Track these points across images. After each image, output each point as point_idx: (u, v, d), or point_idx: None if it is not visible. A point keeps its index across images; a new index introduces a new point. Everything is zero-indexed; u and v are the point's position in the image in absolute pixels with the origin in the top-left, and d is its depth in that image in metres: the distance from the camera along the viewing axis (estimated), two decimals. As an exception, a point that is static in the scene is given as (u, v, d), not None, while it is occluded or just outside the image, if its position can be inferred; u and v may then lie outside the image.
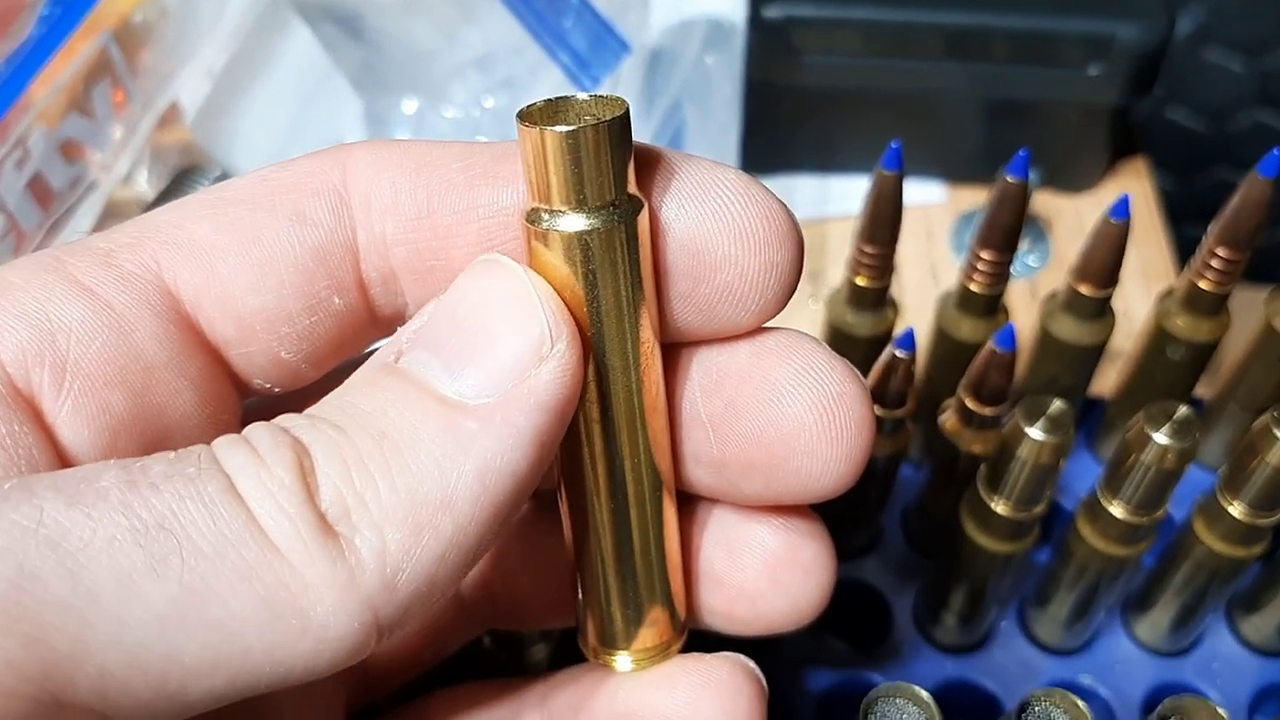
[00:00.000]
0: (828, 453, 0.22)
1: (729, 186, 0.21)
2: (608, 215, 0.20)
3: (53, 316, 0.20)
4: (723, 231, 0.21)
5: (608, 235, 0.20)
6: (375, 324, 0.24)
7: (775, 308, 0.22)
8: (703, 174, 0.21)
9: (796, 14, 0.54)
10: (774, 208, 0.21)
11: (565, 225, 0.20)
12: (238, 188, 0.22)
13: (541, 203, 0.20)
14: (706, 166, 0.21)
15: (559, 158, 0.19)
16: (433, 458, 0.19)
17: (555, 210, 0.20)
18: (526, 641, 0.35)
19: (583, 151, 0.19)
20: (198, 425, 0.22)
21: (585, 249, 0.20)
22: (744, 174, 0.21)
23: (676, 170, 0.21)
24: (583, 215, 0.20)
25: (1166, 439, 0.32)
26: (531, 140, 0.19)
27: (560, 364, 0.20)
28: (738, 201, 0.21)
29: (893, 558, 0.44)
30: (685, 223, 0.21)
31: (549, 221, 0.20)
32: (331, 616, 0.18)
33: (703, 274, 0.21)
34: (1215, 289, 0.39)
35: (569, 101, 0.21)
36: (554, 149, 0.19)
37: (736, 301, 0.22)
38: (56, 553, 0.17)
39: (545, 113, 0.20)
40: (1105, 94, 0.55)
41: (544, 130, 0.19)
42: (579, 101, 0.21)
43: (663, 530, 0.24)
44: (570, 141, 0.19)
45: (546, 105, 0.20)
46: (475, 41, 0.58)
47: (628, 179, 0.20)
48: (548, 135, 0.19)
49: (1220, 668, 0.41)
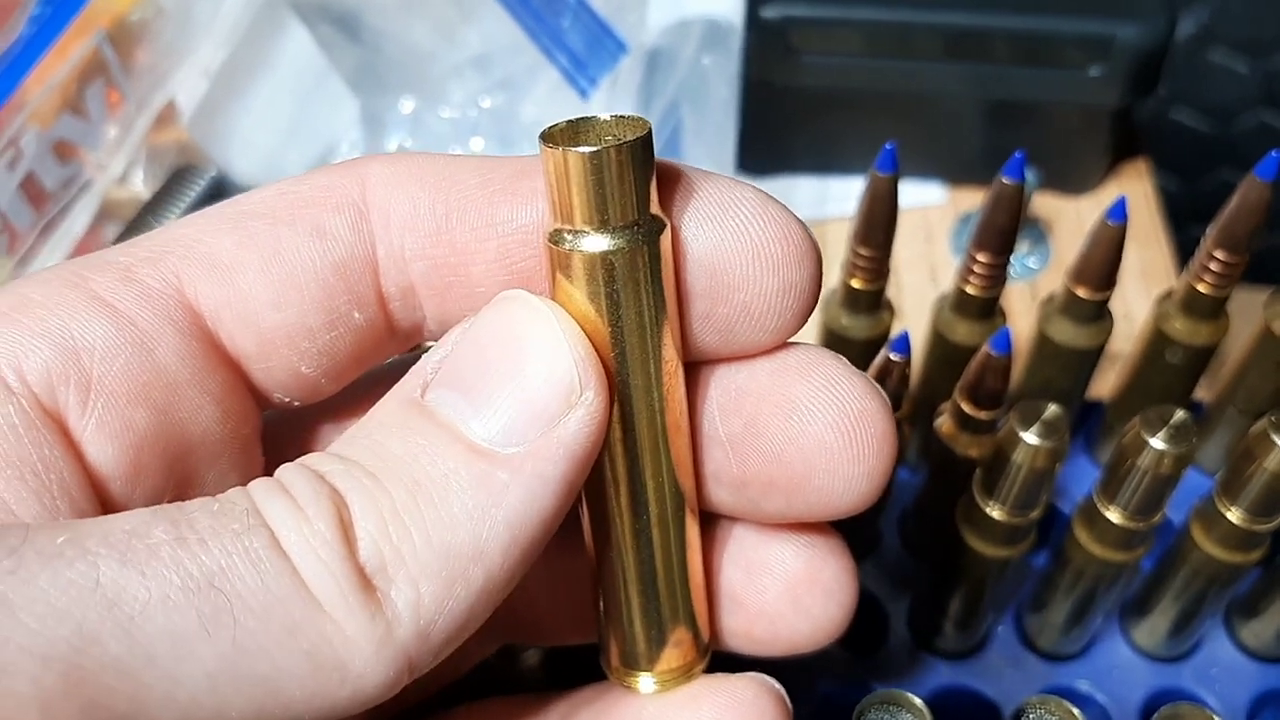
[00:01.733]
0: (850, 470, 0.22)
1: (747, 206, 0.21)
2: (631, 236, 0.20)
3: (76, 334, 0.20)
4: (741, 251, 0.21)
5: (631, 256, 0.20)
6: (394, 338, 0.24)
7: (794, 327, 0.22)
8: (721, 193, 0.21)
9: (794, 14, 0.54)
10: (793, 227, 0.21)
11: (588, 246, 0.20)
12: (257, 201, 0.22)
13: (564, 223, 0.20)
14: (725, 185, 0.21)
15: (582, 179, 0.19)
16: (465, 510, 0.19)
17: (578, 231, 0.20)
18: (519, 646, 0.35)
19: (606, 172, 0.19)
20: (219, 439, 0.22)
21: (609, 269, 0.20)
22: (762, 192, 0.21)
23: (695, 189, 0.21)
24: (606, 236, 0.20)
25: (1163, 444, 0.32)
26: (554, 161, 0.19)
27: (589, 412, 0.20)
28: (756, 221, 0.21)
29: (888, 563, 0.43)
30: (704, 242, 0.21)
31: (572, 242, 0.20)
32: (368, 666, 0.19)
33: (721, 294, 0.21)
34: (1214, 292, 0.38)
35: (591, 122, 0.20)
36: (577, 170, 0.19)
37: (755, 321, 0.22)
38: (114, 614, 0.17)
39: (567, 133, 0.20)
40: (1106, 95, 0.55)
41: (567, 151, 0.19)
42: (601, 122, 0.20)
43: (685, 550, 0.24)
44: (594, 162, 0.19)
45: (568, 126, 0.20)
46: (472, 42, 0.58)
47: (650, 199, 0.20)
48: (571, 156, 0.19)
49: (1219, 674, 0.41)
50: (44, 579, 0.17)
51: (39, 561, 0.17)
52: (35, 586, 0.16)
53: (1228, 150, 0.76)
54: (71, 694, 0.16)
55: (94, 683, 0.16)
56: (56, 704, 0.16)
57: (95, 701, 0.16)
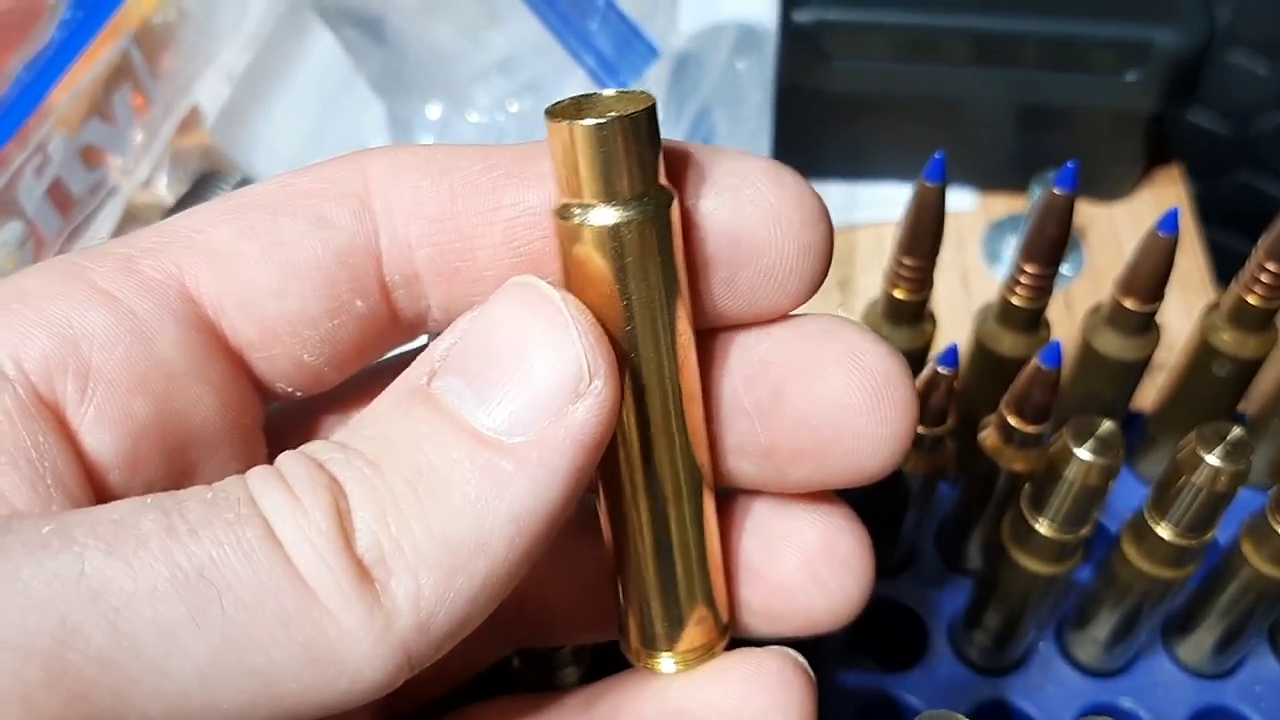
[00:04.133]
0: (876, 433, 0.22)
1: (763, 174, 0.21)
2: (639, 207, 0.20)
3: (75, 324, 0.20)
4: (761, 217, 0.21)
5: (640, 227, 0.20)
6: (398, 327, 0.23)
7: (812, 288, 0.22)
8: (736, 164, 0.21)
9: (828, 18, 0.53)
10: (805, 191, 0.22)
11: (597, 219, 0.20)
12: (257, 193, 0.22)
13: (572, 198, 0.20)
14: (736, 157, 0.22)
15: (589, 152, 0.19)
16: (468, 500, 0.19)
17: (586, 204, 0.20)
18: (556, 664, 0.34)
19: (612, 144, 0.19)
20: (220, 430, 0.22)
21: (618, 242, 0.20)
22: (772, 160, 0.22)
23: (709, 163, 0.21)
24: (614, 208, 0.20)
25: (1219, 461, 0.31)
26: (560, 136, 0.19)
27: (597, 400, 0.20)
28: (773, 188, 0.21)
29: (928, 576, 0.43)
30: (724, 211, 0.21)
31: (580, 216, 0.20)
32: (366, 660, 0.18)
33: (744, 260, 0.21)
34: (1263, 304, 0.38)
35: (595, 98, 0.21)
36: (583, 143, 0.19)
37: (777, 284, 0.22)
38: (99, 605, 0.16)
39: (572, 109, 0.20)
40: (1142, 101, 0.54)
41: (573, 125, 0.19)
42: (605, 97, 0.20)
43: (703, 526, 0.23)
44: (600, 135, 0.19)
45: (573, 102, 0.20)
46: (499, 44, 0.58)
47: (658, 171, 0.20)
48: (577, 129, 0.19)
49: (1263, 691, 0.40)
50: (27, 570, 0.16)
51: (22, 552, 0.16)
52: (17, 578, 0.16)
53: (1247, 152, 0.75)
54: (54, 687, 0.16)
55: (77, 676, 0.16)
56: (38, 698, 0.16)
57: (79, 695, 0.16)
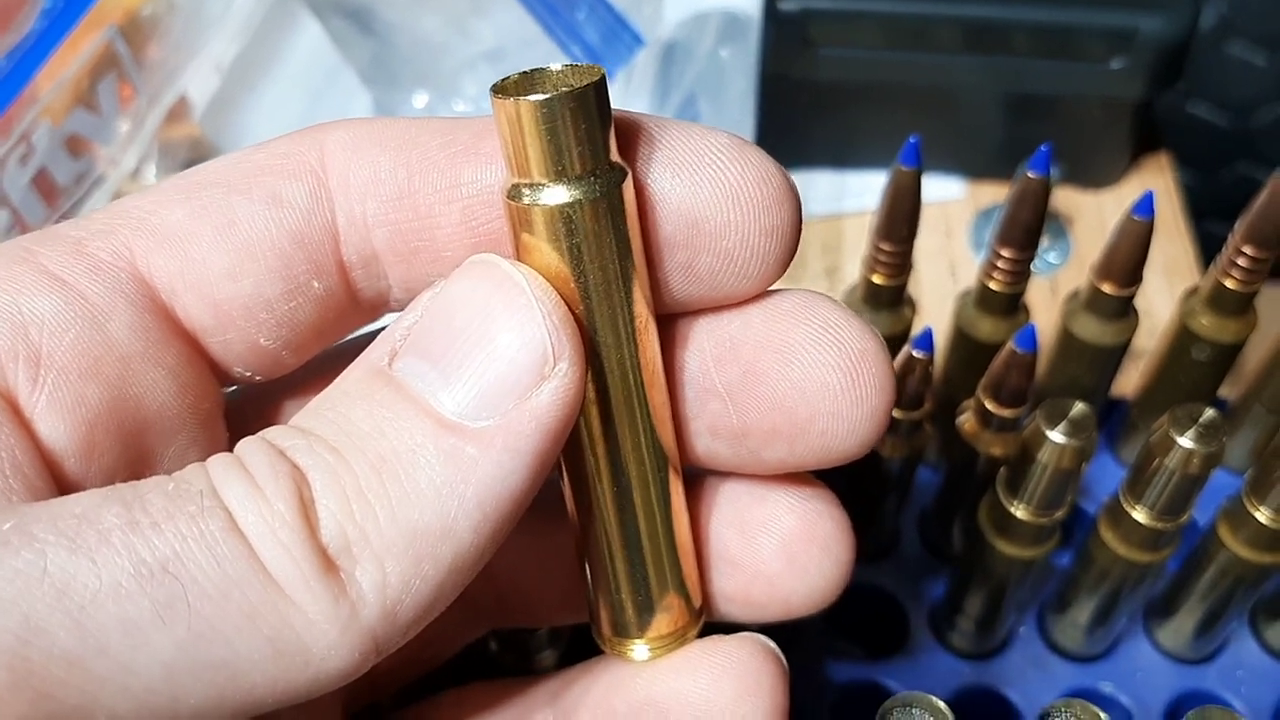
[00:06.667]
0: (853, 412, 0.22)
1: (724, 152, 0.20)
2: (590, 185, 0.19)
3: (24, 309, 0.20)
4: (720, 198, 0.20)
5: (592, 206, 0.19)
6: (357, 308, 0.23)
7: (777, 272, 0.21)
8: (694, 140, 0.21)
9: (813, 6, 0.53)
10: (769, 170, 0.21)
11: (547, 199, 0.19)
12: (212, 170, 0.22)
13: (521, 178, 0.19)
14: (697, 132, 0.21)
15: (535, 129, 0.19)
16: (433, 485, 0.19)
17: (536, 184, 0.19)
18: (534, 647, 0.34)
19: (559, 120, 0.19)
20: (177, 415, 0.22)
21: (569, 222, 0.19)
22: (736, 136, 0.21)
23: (666, 138, 0.20)
24: (564, 187, 0.19)
25: (1191, 443, 0.31)
26: (506, 113, 0.19)
27: (563, 383, 0.19)
28: (733, 167, 0.20)
29: (909, 562, 0.43)
30: (681, 191, 0.20)
31: (530, 196, 0.19)
32: (333, 650, 0.18)
33: (703, 243, 0.21)
34: (1241, 288, 0.38)
35: (544, 73, 0.20)
36: (530, 120, 0.19)
37: (738, 268, 0.21)
38: (63, 603, 0.16)
39: (520, 85, 0.20)
40: (1128, 88, 0.54)
41: (519, 101, 0.19)
42: (554, 72, 0.20)
43: (670, 510, 0.23)
44: (545, 110, 0.19)
45: (522, 77, 0.20)
46: (486, 35, 0.58)
47: (609, 147, 0.19)
48: (523, 106, 0.19)
49: (1244, 675, 0.40)
50: None
51: None
52: None
53: (1245, 144, 0.75)
54: (19, 687, 0.16)
55: (42, 675, 0.16)
56: (3, 698, 0.16)
57: (44, 694, 0.16)
